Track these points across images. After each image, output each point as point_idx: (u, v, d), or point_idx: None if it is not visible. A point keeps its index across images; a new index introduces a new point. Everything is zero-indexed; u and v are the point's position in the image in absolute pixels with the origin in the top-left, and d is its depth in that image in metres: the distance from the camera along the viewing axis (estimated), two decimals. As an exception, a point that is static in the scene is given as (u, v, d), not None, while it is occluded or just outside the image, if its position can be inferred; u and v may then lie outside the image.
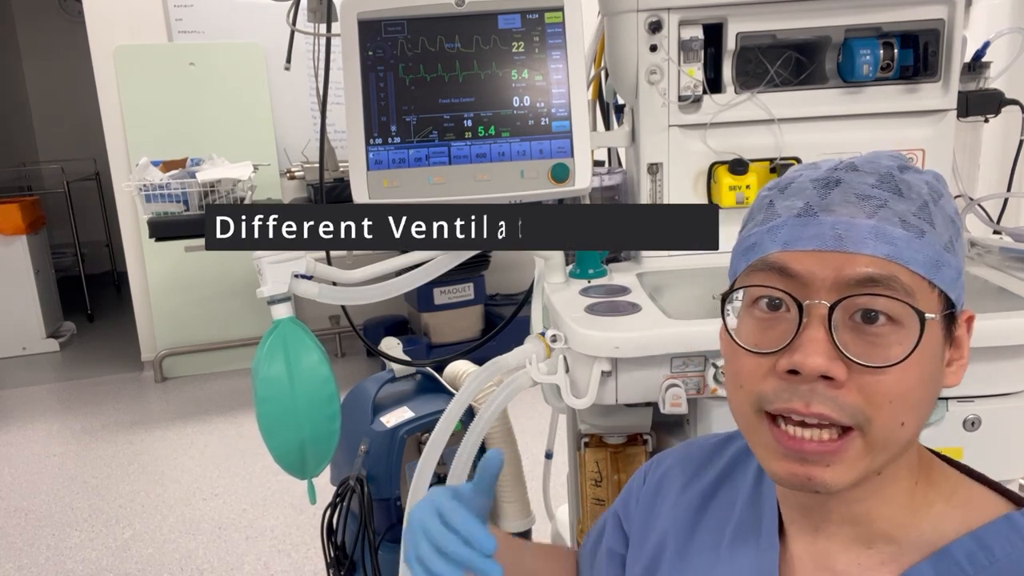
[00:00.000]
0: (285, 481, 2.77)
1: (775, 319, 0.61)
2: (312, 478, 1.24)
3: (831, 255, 0.59)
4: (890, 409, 0.57)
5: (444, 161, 1.13)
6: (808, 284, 0.59)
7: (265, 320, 1.14)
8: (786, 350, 0.58)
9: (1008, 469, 1.03)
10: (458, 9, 1.11)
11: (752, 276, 0.63)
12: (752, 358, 0.61)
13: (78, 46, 4.59)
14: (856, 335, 0.58)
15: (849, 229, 0.59)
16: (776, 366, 0.59)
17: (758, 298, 0.62)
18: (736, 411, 0.64)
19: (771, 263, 0.61)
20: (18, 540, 2.60)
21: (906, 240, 0.59)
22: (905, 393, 0.58)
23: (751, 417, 0.62)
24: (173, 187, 3.28)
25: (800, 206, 0.62)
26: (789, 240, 0.61)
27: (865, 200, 0.60)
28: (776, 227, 0.62)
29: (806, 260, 0.59)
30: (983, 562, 0.58)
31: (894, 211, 0.60)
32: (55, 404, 3.88)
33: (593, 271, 1.25)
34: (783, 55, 1.32)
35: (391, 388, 1.76)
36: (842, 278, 0.58)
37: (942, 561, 0.60)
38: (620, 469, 1.20)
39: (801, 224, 0.61)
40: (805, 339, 0.57)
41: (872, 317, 0.57)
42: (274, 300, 1.15)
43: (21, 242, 4.49)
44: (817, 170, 0.64)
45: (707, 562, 0.73)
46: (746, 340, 0.61)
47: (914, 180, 0.62)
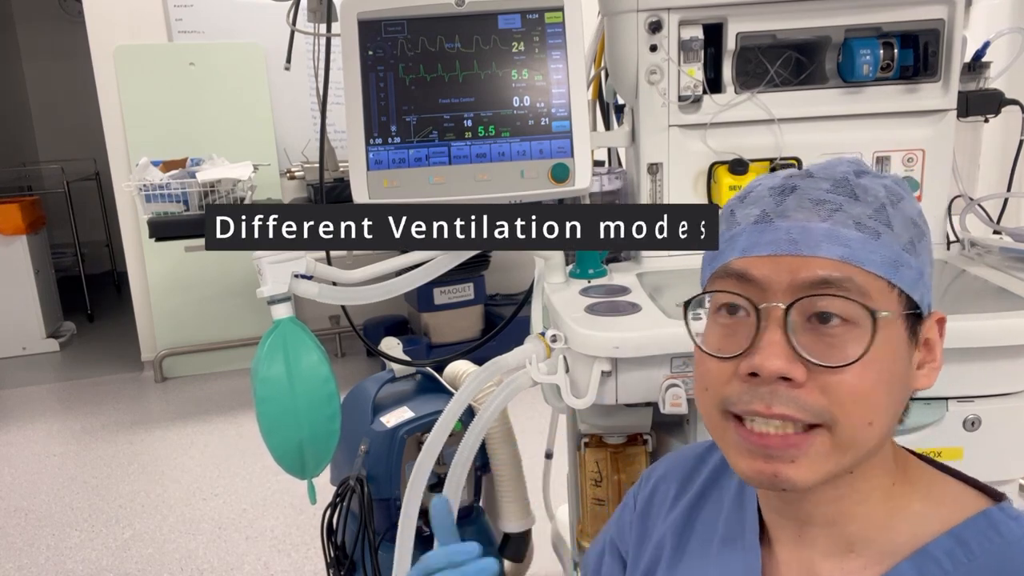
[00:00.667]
0: (285, 481, 2.77)
1: (736, 324, 0.62)
2: (312, 478, 1.24)
3: (787, 259, 0.60)
4: (854, 408, 0.58)
5: (444, 161, 1.13)
6: (766, 288, 0.60)
7: (265, 320, 1.14)
8: (746, 353, 0.60)
9: (1008, 469, 1.03)
10: (458, 9, 1.11)
11: (714, 283, 0.65)
12: (716, 362, 0.62)
13: (78, 46, 4.59)
14: (813, 336, 0.59)
15: (803, 233, 0.60)
16: (738, 369, 0.60)
17: (721, 305, 0.64)
18: (704, 414, 0.65)
19: (731, 270, 0.63)
20: (18, 540, 2.60)
21: (861, 241, 0.59)
22: (868, 392, 0.58)
23: (717, 419, 0.63)
24: (173, 187, 3.28)
25: (757, 213, 0.63)
26: (747, 247, 0.62)
27: (819, 205, 0.61)
28: (736, 235, 0.64)
29: (763, 265, 0.61)
30: (962, 559, 0.59)
31: (848, 214, 0.61)
32: (55, 404, 3.88)
33: (593, 271, 1.25)
34: (783, 55, 1.32)
35: (391, 388, 1.76)
36: (797, 281, 0.59)
37: (922, 560, 0.60)
38: (620, 469, 1.20)
39: (758, 231, 0.62)
40: (764, 342, 0.59)
41: (826, 318, 0.59)
42: (274, 300, 1.15)
43: (21, 242, 4.49)
44: (775, 178, 0.66)
45: (697, 568, 0.73)
46: (711, 345, 0.63)
47: (871, 184, 0.63)
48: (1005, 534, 0.59)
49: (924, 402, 1.00)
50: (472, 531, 1.74)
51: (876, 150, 1.30)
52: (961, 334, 0.95)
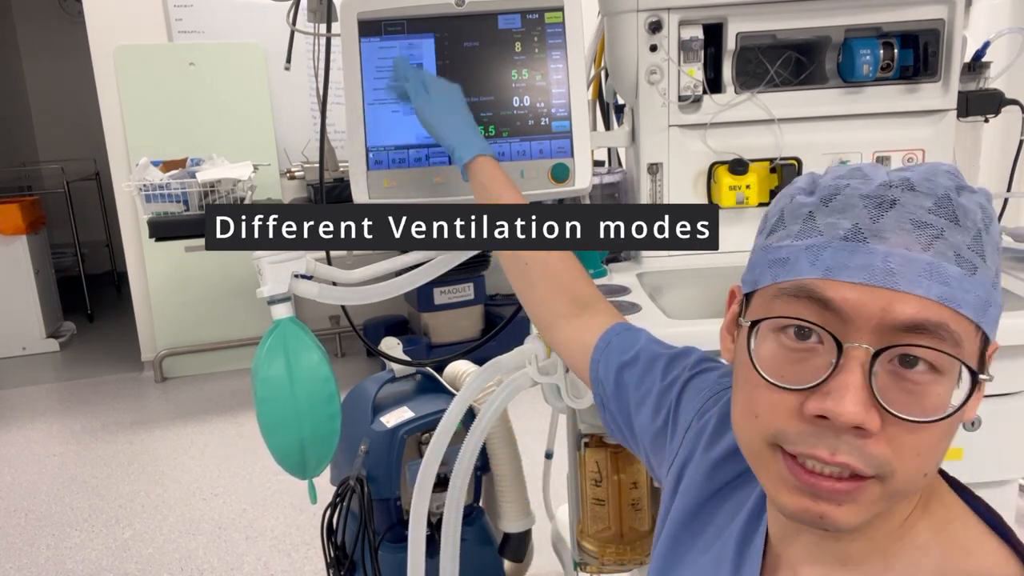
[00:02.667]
0: (285, 481, 2.77)
1: (805, 351, 0.55)
2: (312, 478, 1.24)
3: (878, 291, 0.52)
4: (916, 462, 0.54)
5: (444, 161, 1.12)
6: (849, 321, 0.53)
7: (265, 320, 1.14)
8: (816, 391, 0.53)
9: (1008, 469, 1.03)
10: (458, 9, 1.11)
11: (781, 300, 0.56)
12: (774, 391, 0.55)
13: (78, 46, 4.59)
14: (893, 381, 0.52)
15: (904, 264, 0.52)
16: (804, 407, 0.53)
17: (787, 326, 0.56)
18: (743, 436, 0.60)
19: (809, 291, 0.54)
20: (18, 540, 2.60)
21: (959, 279, 0.53)
22: (935, 446, 0.54)
23: (762, 448, 0.57)
24: (173, 187, 3.28)
25: (848, 227, 0.54)
26: (833, 267, 0.54)
27: (921, 229, 0.53)
28: (817, 248, 0.55)
29: (849, 293, 0.53)
30: None
31: (950, 243, 0.53)
32: (55, 404, 3.88)
33: (593, 271, 1.25)
34: (783, 55, 1.32)
35: (391, 388, 1.76)
36: (888, 320, 0.52)
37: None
38: (620, 469, 1.20)
39: (848, 250, 0.53)
40: (841, 384, 0.52)
41: (911, 362, 0.52)
42: (274, 300, 1.15)
43: (21, 242, 4.49)
44: (867, 183, 0.56)
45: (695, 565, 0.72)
46: (770, 371, 0.55)
47: (970, 204, 0.55)
48: None
49: (924, 402, 1.00)
50: (472, 531, 1.74)
51: (876, 150, 1.30)
52: (961, 334, 0.95)
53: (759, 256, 0.60)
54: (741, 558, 0.68)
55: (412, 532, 1.17)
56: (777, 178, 1.28)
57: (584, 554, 1.24)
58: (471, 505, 1.77)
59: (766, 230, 0.61)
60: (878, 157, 1.30)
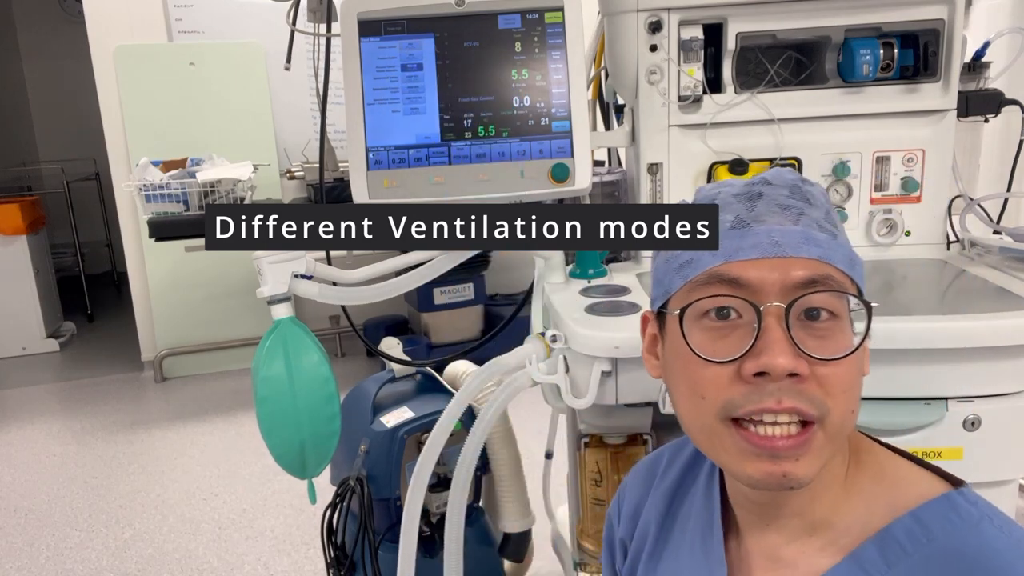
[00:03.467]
0: (285, 481, 2.77)
1: (727, 327, 0.63)
2: (312, 478, 1.24)
3: (772, 261, 0.62)
4: (844, 398, 0.61)
5: (444, 161, 1.12)
6: (759, 290, 0.62)
7: (265, 320, 1.14)
8: (749, 354, 0.60)
9: (1008, 469, 1.03)
10: (458, 9, 1.11)
11: (698, 290, 0.65)
12: (712, 368, 0.62)
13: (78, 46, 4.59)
14: (805, 333, 0.61)
15: (784, 236, 0.63)
16: (741, 371, 0.61)
17: (708, 310, 0.64)
18: (695, 422, 0.66)
19: (718, 275, 0.64)
20: (18, 540, 2.60)
21: (827, 242, 0.64)
22: (853, 381, 0.62)
23: (715, 426, 0.63)
24: (173, 187, 3.28)
25: (732, 219, 0.65)
26: (731, 252, 0.64)
27: (787, 209, 0.65)
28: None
29: (750, 268, 0.63)
30: (922, 540, 0.61)
31: (811, 217, 0.65)
32: (55, 404, 3.88)
33: (593, 271, 1.25)
34: (783, 55, 1.32)
35: (391, 388, 1.76)
36: (788, 282, 0.62)
37: (884, 540, 0.63)
38: (620, 469, 1.20)
39: (738, 236, 0.64)
40: (768, 341, 0.60)
41: (815, 314, 0.62)
42: (274, 300, 1.15)
43: (21, 242, 4.49)
44: (733, 187, 0.68)
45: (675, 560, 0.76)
46: (702, 350, 0.63)
47: (814, 191, 0.68)
48: (965, 517, 0.61)
49: (924, 402, 1.00)
50: (472, 531, 1.74)
51: (876, 150, 1.30)
52: (961, 334, 0.95)
53: (663, 268, 0.70)
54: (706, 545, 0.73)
55: (404, 529, 1.17)
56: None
57: (584, 554, 1.24)
58: (471, 505, 1.77)
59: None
60: (878, 157, 1.30)
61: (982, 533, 0.60)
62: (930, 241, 1.32)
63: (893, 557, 0.62)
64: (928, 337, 0.94)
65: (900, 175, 1.31)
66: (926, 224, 1.32)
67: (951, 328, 0.95)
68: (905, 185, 1.30)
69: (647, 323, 0.75)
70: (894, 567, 0.61)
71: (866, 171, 1.31)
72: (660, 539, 0.78)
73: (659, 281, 0.70)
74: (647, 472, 0.85)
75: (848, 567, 0.63)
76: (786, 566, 0.67)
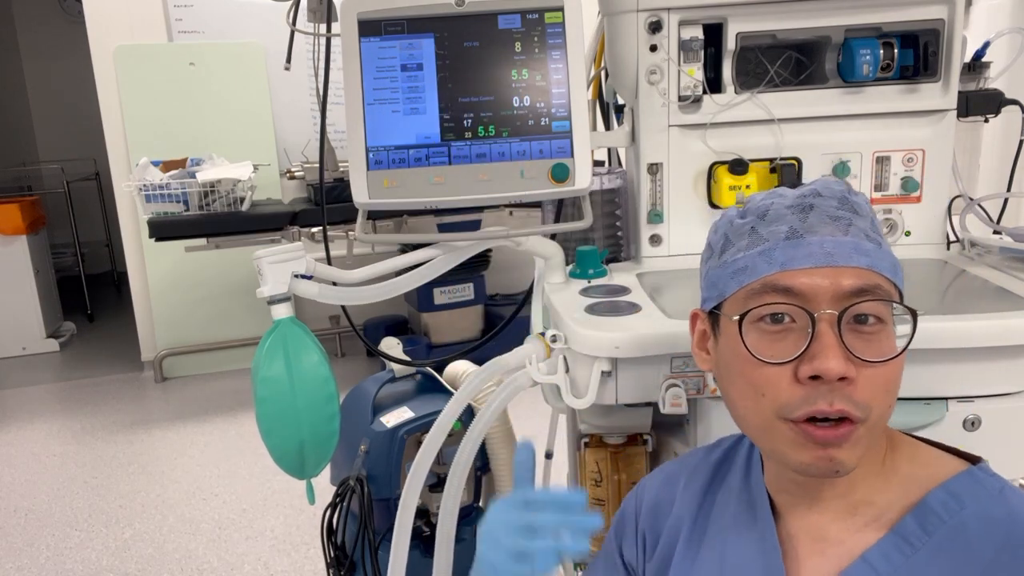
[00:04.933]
0: (285, 481, 2.77)
1: (783, 331, 0.68)
2: (312, 478, 1.24)
3: (824, 270, 0.68)
4: (885, 397, 0.68)
5: (444, 161, 1.12)
6: (812, 298, 0.67)
7: (265, 320, 1.14)
8: (804, 357, 0.66)
9: (1008, 469, 1.03)
10: (458, 9, 1.11)
11: (754, 297, 0.70)
12: (769, 368, 0.68)
13: (78, 46, 4.59)
14: (854, 337, 0.67)
15: (836, 246, 0.68)
16: (797, 373, 0.67)
17: (764, 316, 0.69)
18: (754, 417, 0.71)
19: (773, 284, 0.69)
20: (18, 540, 2.60)
21: (875, 251, 0.69)
22: (895, 380, 0.69)
23: (773, 422, 0.69)
24: (173, 187, 3.28)
25: (786, 230, 0.70)
26: (785, 261, 0.69)
27: (837, 220, 0.70)
28: (768, 251, 0.70)
29: (803, 277, 0.68)
30: (955, 508, 0.69)
31: (859, 228, 0.70)
32: (55, 404, 3.88)
33: (593, 271, 1.25)
34: (783, 55, 1.32)
35: (391, 388, 1.76)
36: (840, 290, 0.67)
37: (921, 512, 0.70)
38: (620, 469, 1.20)
39: (792, 246, 0.69)
40: (822, 346, 0.65)
41: (864, 319, 0.67)
42: (274, 300, 1.15)
43: (21, 242, 4.49)
44: (785, 199, 0.73)
45: (716, 550, 0.79)
46: (760, 352, 0.69)
47: (860, 200, 0.73)
48: (988, 487, 0.70)
49: (924, 402, 1.00)
50: (472, 531, 1.74)
51: (876, 150, 1.30)
52: (961, 334, 0.95)
53: (717, 273, 0.74)
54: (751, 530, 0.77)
55: (398, 526, 1.17)
56: (777, 178, 1.28)
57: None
58: (471, 505, 1.77)
59: (716, 253, 0.76)
60: (878, 157, 1.30)
61: (1007, 500, 0.68)
62: (930, 241, 1.32)
63: (931, 526, 0.68)
64: (928, 337, 0.94)
65: (900, 175, 1.31)
66: (926, 224, 1.32)
67: (951, 328, 0.95)
68: (905, 185, 1.30)
69: (696, 320, 0.80)
70: (932, 534, 0.68)
71: (866, 171, 1.31)
72: (696, 530, 0.82)
73: (712, 284, 0.75)
74: (675, 471, 0.89)
75: (892, 539, 0.69)
76: (833, 544, 0.72)
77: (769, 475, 0.79)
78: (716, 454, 0.87)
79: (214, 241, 3.43)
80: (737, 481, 0.82)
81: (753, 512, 0.78)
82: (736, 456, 0.85)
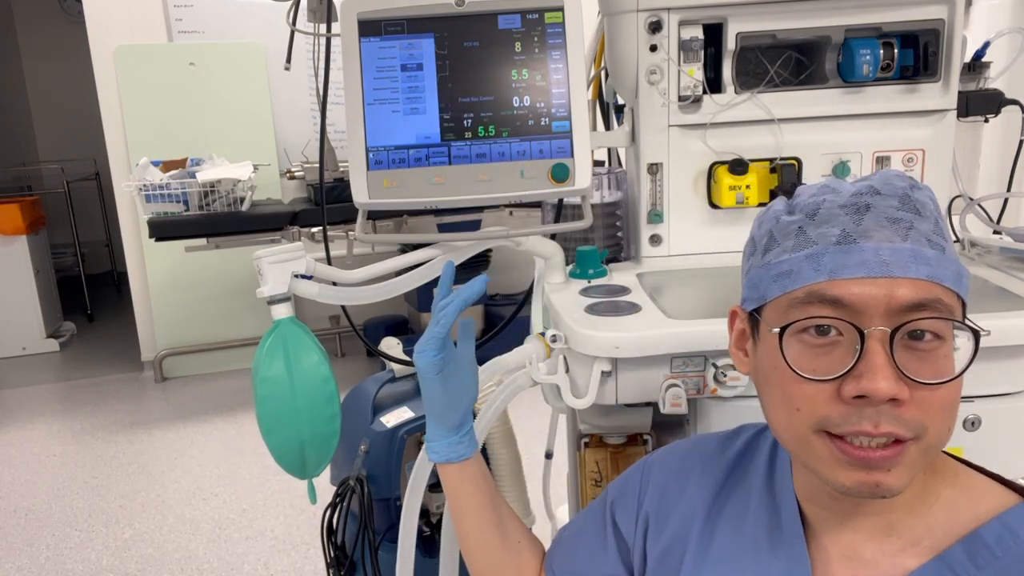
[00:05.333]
0: (285, 481, 2.77)
1: (828, 344, 0.62)
2: (312, 478, 1.24)
3: (879, 280, 0.60)
4: (942, 418, 0.61)
5: (444, 161, 1.12)
6: (862, 312, 0.61)
7: (265, 320, 1.14)
8: (849, 376, 0.60)
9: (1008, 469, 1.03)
10: (458, 9, 1.11)
11: (798, 308, 0.64)
12: (810, 384, 0.62)
13: (78, 46, 4.59)
14: (908, 354, 0.60)
15: (893, 254, 0.61)
16: (841, 392, 0.60)
17: (809, 326, 0.63)
18: (787, 431, 0.66)
19: (819, 294, 0.62)
20: (18, 540, 2.60)
21: (937, 259, 0.62)
22: (954, 401, 0.62)
23: (809, 436, 0.63)
24: (173, 187, 3.28)
25: (837, 233, 0.63)
26: (835, 269, 0.62)
27: (896, 223, 0.62)
28: (816, 255, 0.63)
29: (855, 288, 0.61)
30: (1009, 543, 0.63)
31: (920, 231, 0.62)
32: (55, 404, 3.88)
33: (593, 271, 1.25)
34: (783, 55, 1.32)
35: (391, 388, 1.76)
36: (894, 304, 0.60)
37: (972, 543, 0.64)
38: (620, 469, 1.20)
39: (844, 252, 0.62)
40: (870, 365, 0.59)
41: (919, 335, 0.61)
42: (274, 300, 1.15)
43: (21, 242, 4.49)
44: (839, 195, 0.65)
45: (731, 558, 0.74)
46: (801, 368, 0.62)
47: (924, 198, 0.65)
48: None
49: (924, 402, 1.00)
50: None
51: (876, 150, 1.30)
52: (961, 334, 0.95)
53: (759, 274, 0.68)
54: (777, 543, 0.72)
55: (403, 528, 1.17)
56: (777, 178, 1.28)
57: (584, 554, 1.24)
58: (471, 505, 1.77)
59: (759, 251, 0.69)
60: (878, 157, 1.30)
61: None
62: (930, 241, 1.32)
63: (982, 561, 0.63)
64: (928, 337, 0.94)
65: (900, 175, 1.31)
66: (926, 224, 1.32)
67: (951, 328, 0.95)
68: (905, 185, 1.30)
69: (735, 318, 0.74)
70: (984, 570, 0.62)
71: (866, 171, 1.30)
72: (706, 531, 0.77)
73: (754, 284, 0.69)
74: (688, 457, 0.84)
75: (937, 567, 0.64)
76: (867, 565, 0.67)
77: (800, 483, 0.73)
78: (735, 447, 0.81)
79: (214, 241, 3.43)
80: (759, 480, 0.77)
81: (778, 523, 0.73)
82: (758, 451, 0.79)
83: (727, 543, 0.75)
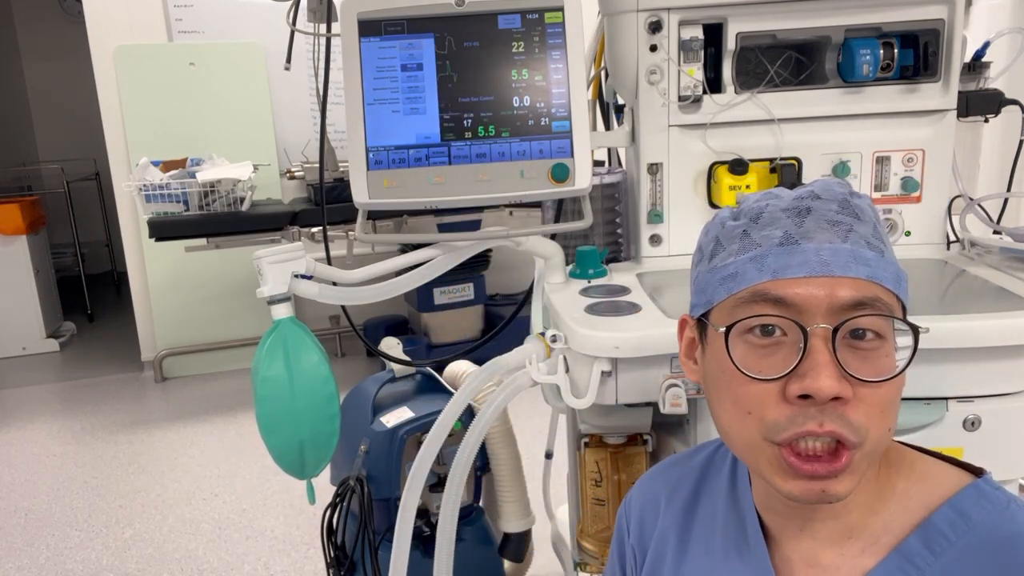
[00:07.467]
0: (285, 481, 2.77)
1: (773, 344, 0.63)
2: (312, 478, 1.24)
3: (820, 280, 0.62)
4: (882, 418, 0.62)
5: (444, 161, 1.12)
6: (804, 310, 0.62)
7: (265, 320, 1.14)
8: (793, 375, 0.61)
9: (1008, 469, 1.03)
10: (458, 9, 1.11)
11: (743, 307, 0.65)
12: (757, 384, 0.63)
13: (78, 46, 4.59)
14: (850, 353, 0.61)
15: (833, 254, 0.62)
16: (786, 392, 0.61)
17: (754, 326, 0.64)
18: (739, 436, 0.66)
19: (763, 293, 0.63)
20: (18, 540, 2.60)
21: (876, 260, 0.63)
22: (894, 401, 0.63)
23: (760, 443, 0.64)
24: (173, 187, 3.28)
25: (780, 235, 0.65)
26: (778, 269, 0.63)
27: (836, 226, 0.64)
28: (760, 257, 0.65)
29: (798, 287, 0.62)
30: (963, 528, 0.64)
31: (859, 234, 0.64)
32: (55, 404, 3.88)
33: (593, 271, 1.25)
34: (783, 55, 1.32)
35: (391, 388, 1.76)
36: (835, 302, 0.61)
37: (926, 532, 0.65)
38: (620, 469, 1.20)
39: (787, 253, 0.64)
40: (814, 363, 0.60)
41: (861, 334, 0.62)
42: (274, 300, 1.15)
43: (21, 242, 4.49)
44: (781, 200, 0.67)
45: (705, 567, 0.75)
46: (747, 367, 0.63)
47: (862, 204, 0.67)
48: (994, 501, 0.65)
49: (924, 402, 1.00)
50: (472, 531, 1.74)
51: (876, 150, 1.30)
52: (961, 334, 0.95)
53: (706, 279, 0.69)
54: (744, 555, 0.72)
55: (399, 526, 1.18)
56: (777, 178, 1.28)
57: (584, 554, 1.24)
58: (471, 505, 1.77)
59: (706, 257, 0.70)
60: (878, 157, 1.30)
61: (1014, 517, 0.64)
62: (930, 241, 1.32)
63: (938, 548, 0.64)
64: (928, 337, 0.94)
65: (900, 175, 1.31)
66: (926, 224, 1.32)
67: (951, 328, 0.95)
68: (905, 185, 1.31)
69: (685, 327, 0.75)
70: (940, 556, 0.63)
71: (866, 171, 1.31)
72: (680, 550, 0.78)
73: (701, 290, 0.70)
74: (655, 482, 0.85)
75: (896, 561, 0.65)
76: (828, 570, 0.67)
77: (757, 493, 0.73)
78: (696, 464, 0.82)
79: (214, 241, 3.43)
80: (723, 490, 0.78)
81: (743, 534, 0.73)
82: (720, 465, 0.80)
83: (700, 560, 0.76)
